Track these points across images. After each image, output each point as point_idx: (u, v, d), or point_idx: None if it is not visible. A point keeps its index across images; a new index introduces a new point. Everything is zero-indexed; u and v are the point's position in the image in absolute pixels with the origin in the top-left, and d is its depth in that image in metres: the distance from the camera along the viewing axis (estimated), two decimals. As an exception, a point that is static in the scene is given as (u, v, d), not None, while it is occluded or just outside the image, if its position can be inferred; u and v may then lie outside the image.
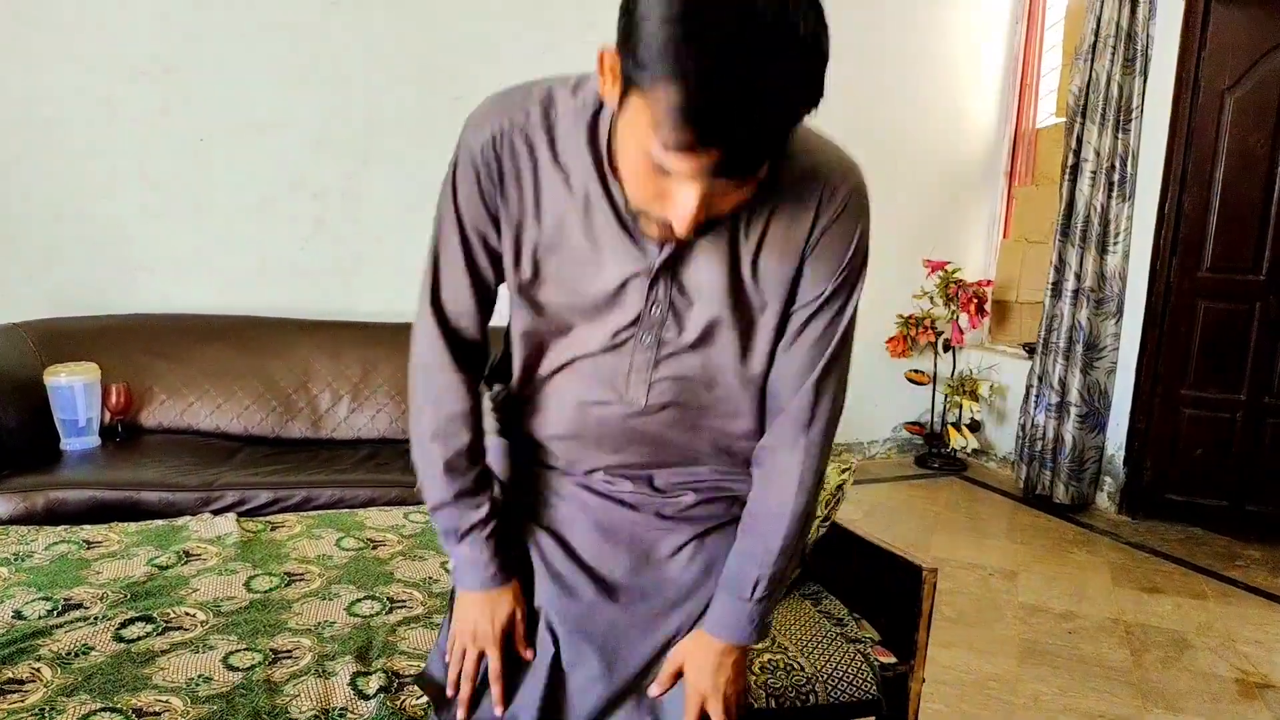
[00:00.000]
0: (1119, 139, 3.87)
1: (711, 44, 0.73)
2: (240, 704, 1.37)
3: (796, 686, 1.57)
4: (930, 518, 3.91)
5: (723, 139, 0.78)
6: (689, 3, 0.74)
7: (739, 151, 0.80)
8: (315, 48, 3.47)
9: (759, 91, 0.75)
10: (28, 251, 3.25)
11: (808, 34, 0.76)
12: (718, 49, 0.73)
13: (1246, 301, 3.72)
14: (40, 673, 1.43)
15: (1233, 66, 3.62)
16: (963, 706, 2.35)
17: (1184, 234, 3.77)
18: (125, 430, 2.95)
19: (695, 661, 1.11)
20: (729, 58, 0.73)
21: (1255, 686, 2.54)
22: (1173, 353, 3.84)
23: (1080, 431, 4.01)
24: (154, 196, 3.36)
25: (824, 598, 1.87)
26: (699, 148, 0.78)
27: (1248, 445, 3.76)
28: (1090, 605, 3.04)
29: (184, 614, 1.66)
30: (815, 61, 0.78)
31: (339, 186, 3.59)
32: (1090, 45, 3.93)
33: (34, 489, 2.42)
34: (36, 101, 3.18)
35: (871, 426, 4.84)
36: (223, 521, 2.18)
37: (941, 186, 4.74)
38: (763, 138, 0.80)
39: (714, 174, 0.82)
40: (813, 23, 0.76)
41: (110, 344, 3.04)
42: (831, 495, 1.82)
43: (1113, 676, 2.55)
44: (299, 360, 3.20)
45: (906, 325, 4.59)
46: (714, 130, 0.77)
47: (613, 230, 1.00)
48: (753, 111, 0.76)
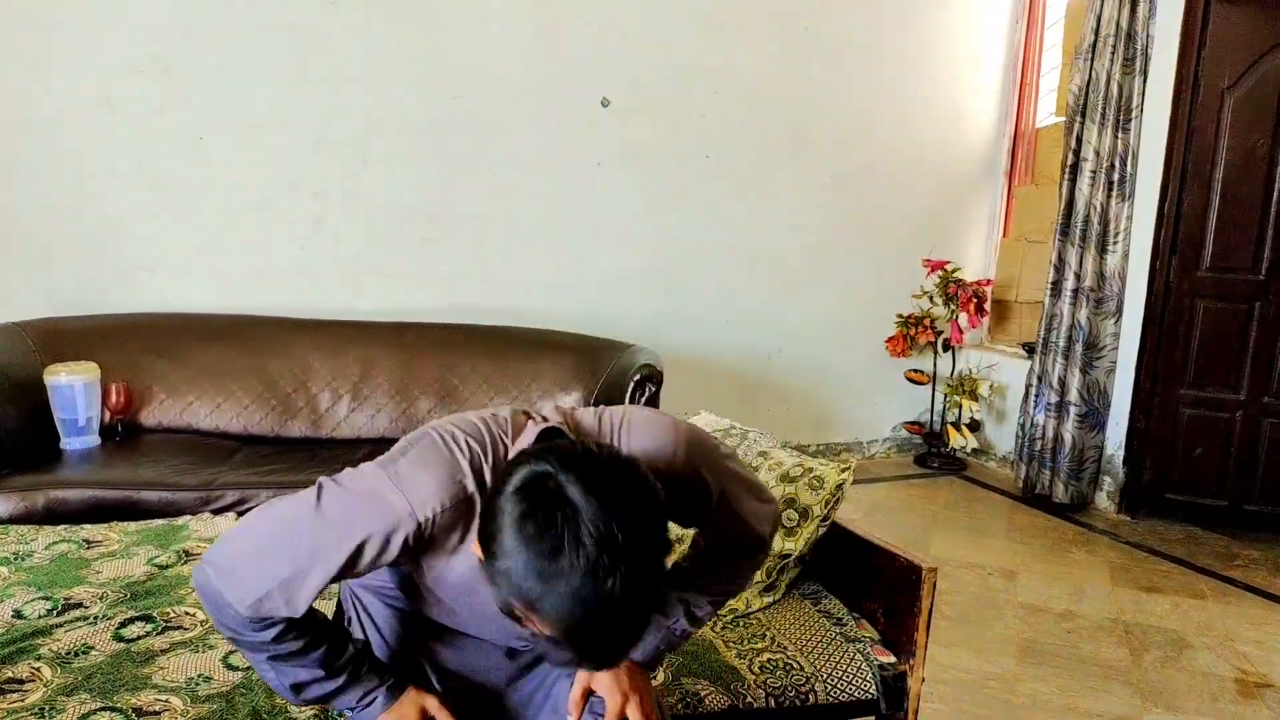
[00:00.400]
0: (1119, 138, 3.87)
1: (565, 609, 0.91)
2: (240, 703, 1.37)
3: (796, 686, 1.58)
4: (929, 517, 3.91)
5: (590, 657, 0.98)
6: (545, 568, 0.90)
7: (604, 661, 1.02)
8: (314, 47, 3.47)
9: (610, 640, 0.96)
10: (27, 251, 3.25)
11: (626, 595, 0.91)
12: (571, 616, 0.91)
13: (1246, 301, 3.72)
14: (40, 672, 1.43)
15: (1233, 66, 3.62)
16: (962, 706, 2.36)
17: (1184, 233, 3.77)
18: (125, 429, 2.95)
19: (607, 676, 1.24)
20: (586, 620, 0.91)
21: (1254, 686, 2.54)
22: (1172, 352, 3.84)
23: (1080, 431, 4.02)
24: (153, 196, 3.36)
25: (823, 597, 1.87)
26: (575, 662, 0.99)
27: (1247, 445, 3.76)
28: (1089, 605, 3.04)
29: (184, 613, 1.66)
30: (636, 609, 0.94)
31: (338, 186, 3.59)
32: (1090, 44, 3.93)
33: (34, 488, 2.42)
34: (36, 101, 3.18)
35: (871, 426, 4.84)
36: (223, 521, 2.18)
37: (941, 186, 4.74)
38: (620, 653, 1.01)
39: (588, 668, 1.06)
40: (623, 583, 0.90)
41: (110, 343, 3.04)
42: (831, 495, 1.82)
43: (1112, 676, 2.56)
44: (299, 359, 3.20)
45: (906, 325, 4.59)
46: (585, 652, 0.96)
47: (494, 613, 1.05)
48: (608, 648, 0.97)
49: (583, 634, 0.92)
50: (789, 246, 4.45)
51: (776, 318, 4.50)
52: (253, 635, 1.12)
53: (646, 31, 3.97)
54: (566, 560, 0.89)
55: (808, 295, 4.55)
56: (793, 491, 1.87)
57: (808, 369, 4.61)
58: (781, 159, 4.35)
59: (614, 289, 4.02)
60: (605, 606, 0.90)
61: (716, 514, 1.25)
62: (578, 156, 3.94)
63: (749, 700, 1.53)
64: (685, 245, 4.22)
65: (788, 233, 4.44)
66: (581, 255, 3.99)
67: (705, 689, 1.52)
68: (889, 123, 4.53)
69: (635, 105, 4.00)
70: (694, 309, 4.29)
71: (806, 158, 4.40)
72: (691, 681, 1.54)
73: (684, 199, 4.19)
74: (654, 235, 4.15)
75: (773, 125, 4.29)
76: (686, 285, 4.26)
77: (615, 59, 3.93)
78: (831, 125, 4.42)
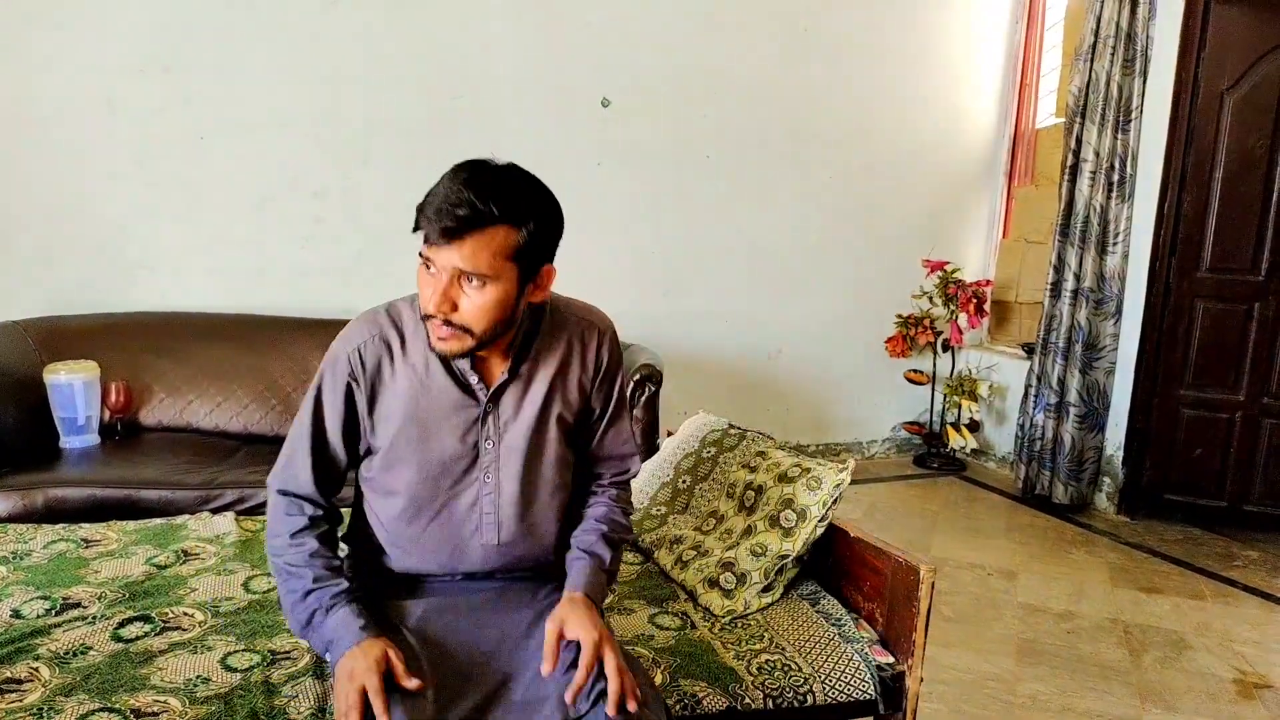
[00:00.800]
0: (1118, 139, 3.87)
1: (438, 191, 1.27)
2: (238, 705, 1.37)
3: (794, 687, 1.57)
4: (929, 517, 3.91)
5: (438, 217, 1.24)
6: (439, 183, 1.28)
7: (448, 227, 1.23)
8: (314, 47, 3.47)
9: (458, 197, 1.23)
10: (27, 250, 3.25)
11: (495, 180, 1.27)
12: (441, 191, 1.26)
13: (1245, 302, 3.72)
14: (38, 672, 1.43)
15: (1232, 67, 3.62)
16: (961, 706, 2.36)
17: (1183, 234, 3.77)
18: (124, 428, 2.95)
19: (576, 617, 1.32)
20: (448, 181, 1.27)
21: (1253, 686, 2.55)
22: (1171, 353, 3.84)
23: (1079, 431, 4.01)
24: (154, 195, 3.36)
25: (822, 598, 1.87)
26: (429, 223, 1.25)
27: (1246, 446, 3.76)
28: (1089, 605, 3.04)
29: (182, 614, 1.66)
30: (502, 193, 1.25)
31: (338, 185, 3.59)
32: (1090, 45, 3.92)
33: (33, 487, 2.43)
34: (36, 101, 3.18)
35: (870, 426, 4.84)
36: (221, 520, 2.18)
37: (941, 186, 4.74)
38: (462, 219, 1.23)
39: (436, 240, 1.24)
40: (506, 177, 1.30)
41: (110, 342, 3.04)
42: (829, 495, 1.82)
43: (1111, 676, 2.56)
44: (299, 359, 3.20)
45: (905, 325, 4.59)
46: (435, 212, 1.24)
47: (447, 386, 1.38)
48: (455, 205, 1.23)
49: (445, 190, 1.24)
50: (789, 246, 4.45)
51: (776, 318, 4.50)
52: (280, 526, 1.40)
53: (647, 31, 3.97)
54: (456, 166, 1.30)
55: (807, 295, 4.55)
56: (791, 492, 1.87)
57: (807, 369, 4.61)
58: (782, 159, 4.35)
59: (613, 288, 4.01)
60: (470, 174, 1.26)
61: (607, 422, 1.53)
62: (578, 156, 3.94)
63: (747, 701, 1.53)
64: (685, 245, 4.23)
65: (788, 233, 4.44)
66: (581, 255, 3.96)
67: (703, 690, 1.52)
68: (889, 123, 4.53)
69: (635, 105, 4.00)
70: (693, 309, 4.29)
71: (807, 158, 4.40)
72: (690, 683, 1.54)
73: (684, 199, 4.19)
74: (654, 235, 4.15)
75: (773, 125, 4.29)
76: (686, 285, 4.26)
77: (615, 59, 3.93)
78: (832, 125, 4.42)
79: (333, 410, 1.40)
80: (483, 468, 1.41)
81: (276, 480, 1.44)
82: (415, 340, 1.39)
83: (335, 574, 1.38)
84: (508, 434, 1.41)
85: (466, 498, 1.42)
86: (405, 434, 1.38)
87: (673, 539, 2.03)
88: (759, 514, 1.90)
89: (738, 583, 1.82)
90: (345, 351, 1.39)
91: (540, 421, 1.43)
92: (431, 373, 1.38)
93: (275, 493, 1.43)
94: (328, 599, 1.34)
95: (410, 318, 1.40)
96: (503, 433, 1.41)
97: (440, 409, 1.39)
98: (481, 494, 1.42)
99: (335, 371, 1.39)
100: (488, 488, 1.42)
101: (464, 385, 1.39)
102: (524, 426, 1.42)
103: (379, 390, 1.39)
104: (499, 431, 1.41)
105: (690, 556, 1.94)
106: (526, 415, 1.42)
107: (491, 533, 1.43)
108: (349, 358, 1.38)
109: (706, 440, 2.24)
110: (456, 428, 1.39)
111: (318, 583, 1.35)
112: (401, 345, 1.39)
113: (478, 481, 1.41)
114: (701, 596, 1.84)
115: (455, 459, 1.40)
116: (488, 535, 1.43)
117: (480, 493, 1.42)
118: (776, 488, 1.91)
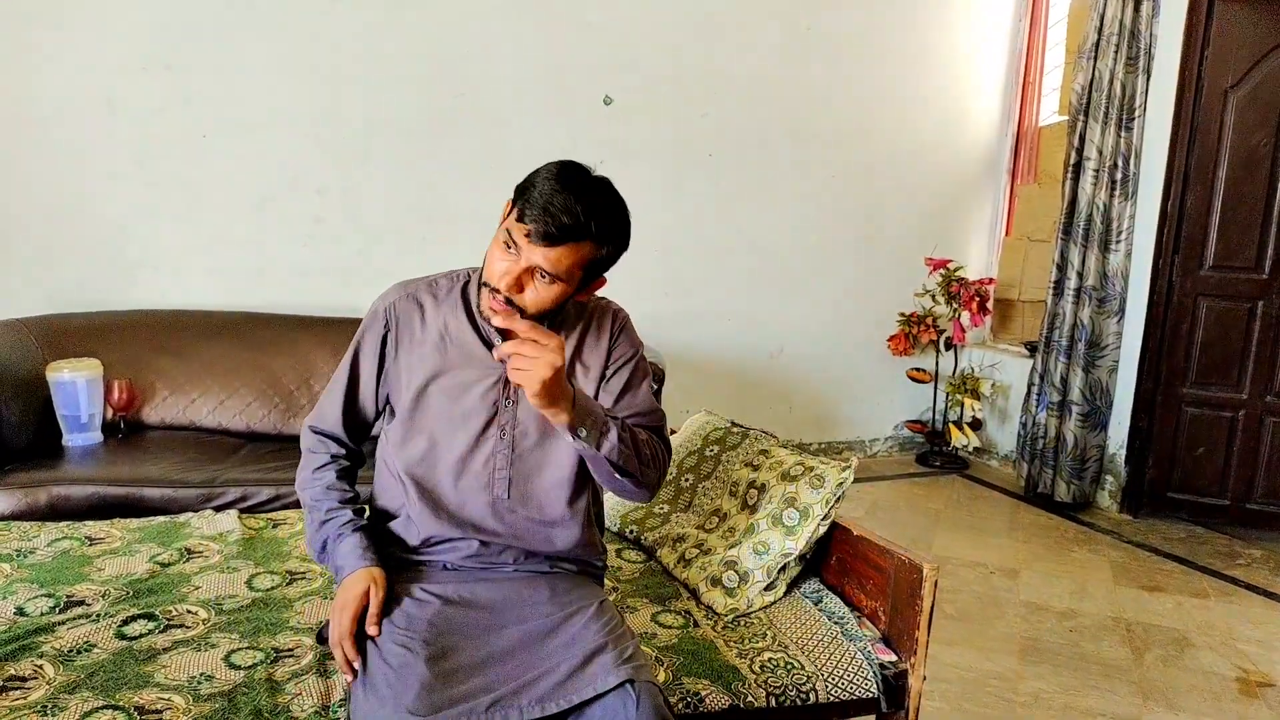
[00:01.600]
0: (1122, 137, 3.87)
1: (558, 185, 1.34)
2: (242, 702, 1.37)
3: (797, 685, 1.58)
4: (931, 516, 3.91)
5: (544, 220, 1.32)
6: (559, 173, 1.37)
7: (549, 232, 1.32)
8: (315, 45, 3.47)
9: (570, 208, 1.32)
10: (29, 248, 3.26)
11: (604, 203, 1.38)
12: (559, 187, 1.34)
13: (1249, 300, 3.71)
14: (43, 670, 1.43)
15: (1236, 65, 3.61)
16: (964, 705, 2.36)
17: (1186, 232, 3.76)
18: (128, 426, 2.95)
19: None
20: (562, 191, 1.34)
21: (1256, 685, 2.54)
22: (1174, 351, 3.83)
23: (1082, 430, 4.01)
24: (155, 193, 3.36)
25: (825, 596, 1.87)
26: (532, 221, 1.32)
27: (1249, 444, 3.76)
28: (1091, 604, 3.04)
29: (186, 611, 1.66)
30: (602, 213, 1.36)
31: (339, 183, 3.59)
32: (1093, 43, 3.92)
33: (37, 485, 2.43)
34: (37, 99, 3.18)
35: (873, 425, 4.84)
36: (224, 518, 2.18)
37: (943, 185, 4.74)
38: (563, 229, 1.32)
39: (533, 239, 1.32)
40: (611, 201, 1.40)
41: (113, 340, 3.04)
42: (832, 493, 1.82)
43: (1114, 675, 2.56)
44: (301, 356, 3.20)
45: (908, 323, 4.59)
46: (541, 216, 1.32)
47: (474, 344, 1.50)
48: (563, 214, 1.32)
49: (555, 198, 1.31)
50: (791, 245, 4.45)
51: (778, 317, 4.50)
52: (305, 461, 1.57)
53: (648, 30, 3.97)
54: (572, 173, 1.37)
55: (810, 294, 4.55)
56: (794, 490, 1.87)
57: (809, 368, 4.61)
58: (783, 157, 4.35)
59: (615, 287, 3.99)
60: (584, 188, 1.35)
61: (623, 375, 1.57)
62: (579, 155, 3.85)
63: (750, 700, 1.53)
64: (687, 244, 4.22)
65: (790, 231, 4.43)
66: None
67: (706, 689, 1.52)
68: (891, 121, 4.53)
69: (637, 104, 4.00)
70: (695, 308, 4.29)
71: (808, 156, 4.40)
72: (692, 681, 1.54)
73: (686, 197, 4.19)
74: (655, 234, 4.15)
75: (774, 124, 4.29)
76: (688, 284, 4.26)
77: (617, 58, 3.93)
78: (833, 124, 4.42)
79: (369, 359, 1.54)
80: (500, 424, 1.49)
81: (310, 419, 1.60)
82: (447, 303, 1.52)
83: (346, 505, 1.53)
84: (525, 399, 1.43)
85: (483, 451, 1.49)
86: (432, 385, 1.49)
87: (675, 537, 2.03)
88: (762, 512, 1.90)
89: (740, 581, 1.82)
90: (383, 306, 1.54)
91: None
92: (460, 330, 1.50)
93: (306, 429, 1.59)
94: (335, 528, 1.49)
95: (446, 286, 1.55)
96: (521, 397, 1.47)
97: (465, 364, 1.49)
98: (497, 449, 1.49)
99: (373, 324, 1.54)
100: (503, 444, 1.49)
101: (490, 346, 1.48)
102: None
103: (409, 341, 1.51)
104: (517, 394, 1.48)
105: (693, 555, 1.94)
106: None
107: (502, 487, 1.49)
108: (385, 311, 1.53)
109: (709, 439, 2.24)
110: (478, 383, 1.49)
111: (330, 514, 1.51)
112: (435, 303, 1.53)
113: (493, 438, 1.49)
114: (704, 595, 1.84)
115: (474, 413, 1.49)
116: (498, 489, 1.49)
117: (495, 448, 1.49)
118: (779, 486, 1.91)
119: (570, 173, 1.36)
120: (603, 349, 1.56)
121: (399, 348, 1.52)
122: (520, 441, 1.50)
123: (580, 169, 1.39)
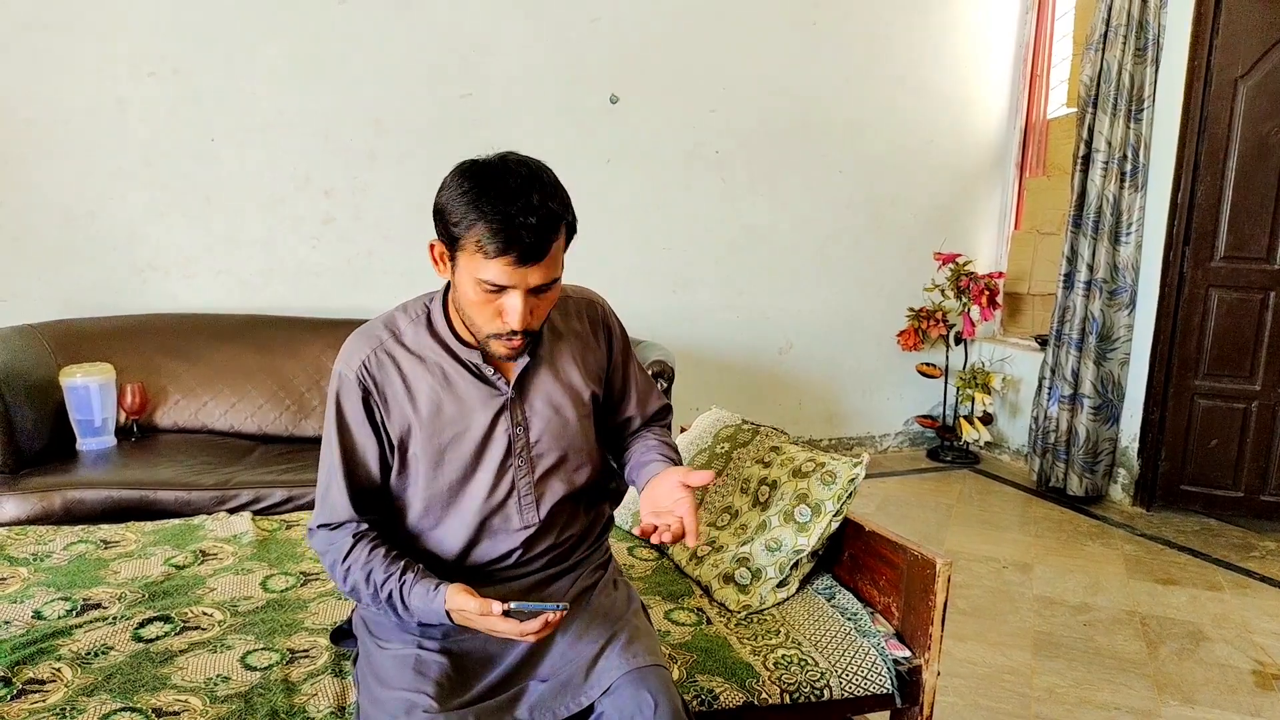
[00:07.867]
0: (1131, 129, 3.85)
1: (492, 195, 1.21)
2: (258, 703, 1.38)
3: (811, 681, 1.58)
4: (943, 511, 3.90)
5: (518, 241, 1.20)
6: (474, 183, 1.24)
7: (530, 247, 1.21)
8: (323, 46, 3.48)
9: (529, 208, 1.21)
10: (41, 253, 3.28)
11: (548, 179, 1.27)
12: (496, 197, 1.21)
13: (1261, 290, 3.69)
14: (61, 672, 1.44)
15: (1245, 54, 3.59)
16: (978, 700, 2.35)
17: (1197, 223, 3.74)
18: (140, 430, 2.97)
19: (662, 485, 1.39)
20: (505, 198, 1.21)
21: (1272, 677, 2.53)
22: (1186, 343, 3.81)
23: (1094, 423, 4.00)
24: (164, 196, 3.38)
25: (837, 592, 1.87)
26: (507, 251, 1.20)
27: (1263, 435, 3.73)
28: (1105, 597, 3.03)
29: (201, 614, 1.67)
30: (557, 192, 1.26)
31: (348, 184, 3.60)
32: (1101, 35, 3.90)
33: (51, 489, 2.44)
34: (47, 103, 3.20)
35: (883, 420, 4.83)
36: (238, 520, 2.19)
37: (952, 178, 4.72)
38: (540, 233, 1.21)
39: (519, 264, 1.21)
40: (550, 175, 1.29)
41: (124, 344, 3.06)
42: (844, 489, 1.82)
43: (1128, 668, 2.55)
44: (311, 359, 3.22)
45: (918, 318, 4.58)
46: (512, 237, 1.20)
47: (470, 382, 1.39)
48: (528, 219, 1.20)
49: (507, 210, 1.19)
50: (799, 241, 4.44)
51: (787, 312, 4.49)
52: (329, 560, 1.37)
53: (655, 27, 3.96)
54: (491, 172, 1.24)
55: (818, 290, 4.54)
56: (805, 487, 1.86)
57: (819, 364, 4.60)
58: (791, 153, 4.34)
59: (624, 285, 4.02)
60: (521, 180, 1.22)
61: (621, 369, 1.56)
62: (587, 153, 3.94)
63: (764, 696, 1.53)
64: (695, 240, 4.22)
65: (798, 227, 4.43)
66: (591, 251, 3.96)
67: (720, 686, 1.53)
68: (899, 116, 4.52)
69: (644, 101, 3.99)
70: (704, 304, 4.29)
71: (816, 152, 4.39)
72: (706, 679, 1.54)
73: (693, 194, 4.18)
74: (664, 231, 4.15)
75: (782, 119, 4.28)
76: (696, 280, 4.26)
77: (624, 55, 3.93)
78: (841, 119, 4.41)
79: (359, 425, 1.37)
80: (515, 454, 1.41)
81: (315, 520, 1.41)
82: (420, 347, 1.39)
83: (390, 562, 1.34)
84: (534, 417, 1.42)
85: (504, 485, 1.41)
86: (433, 436, 1.37)
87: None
88: (774, 509, 1.90)
89: (753, 578, 1.82)
90: (353, 370, 1.36)
91: (565, 396, 1.45)
92: (450, 373, 1.38)
93: (316, 530, 1.41)
94: (397, 594, 1.31)
95: (409, 331, 1.40)
96: (530, 416, 1.42)
97: (466, 405, 1.38)
98: (518, 478, 1.41)
99: (348, 390, 1.37)
100: (523, 471, 1.42)
101: (483, 379, 1.39)
102: (550, 406, 1.43)
103: (395, 399, 1.37)
104: (526, 417, 1.41)
105: (705, 552, 1.95)
106: (552, 394, 1.44)
107: (531, 513, 1.42)
108: (358, 375, 1.36)
109: (720, 436, 2.24)
110: (484, 420, 1.39)
111: (384, 585, 1.32)
112: (408, 353, 1.38)
113: (512, 468, 1.41)
114: (717, 592, 1.84)
115: (486, 449, 1.39)
116: (528, 516, 1.42)
117: (516, 476, 1.41)
118: (791, 483, 1.91)
119: (489, 175, 1.24)
120: (601, 347, 1.53)
121: (387, 409, 1.37)
122: (538, 461, 1.43)
123: (487, 165, 1.26)
